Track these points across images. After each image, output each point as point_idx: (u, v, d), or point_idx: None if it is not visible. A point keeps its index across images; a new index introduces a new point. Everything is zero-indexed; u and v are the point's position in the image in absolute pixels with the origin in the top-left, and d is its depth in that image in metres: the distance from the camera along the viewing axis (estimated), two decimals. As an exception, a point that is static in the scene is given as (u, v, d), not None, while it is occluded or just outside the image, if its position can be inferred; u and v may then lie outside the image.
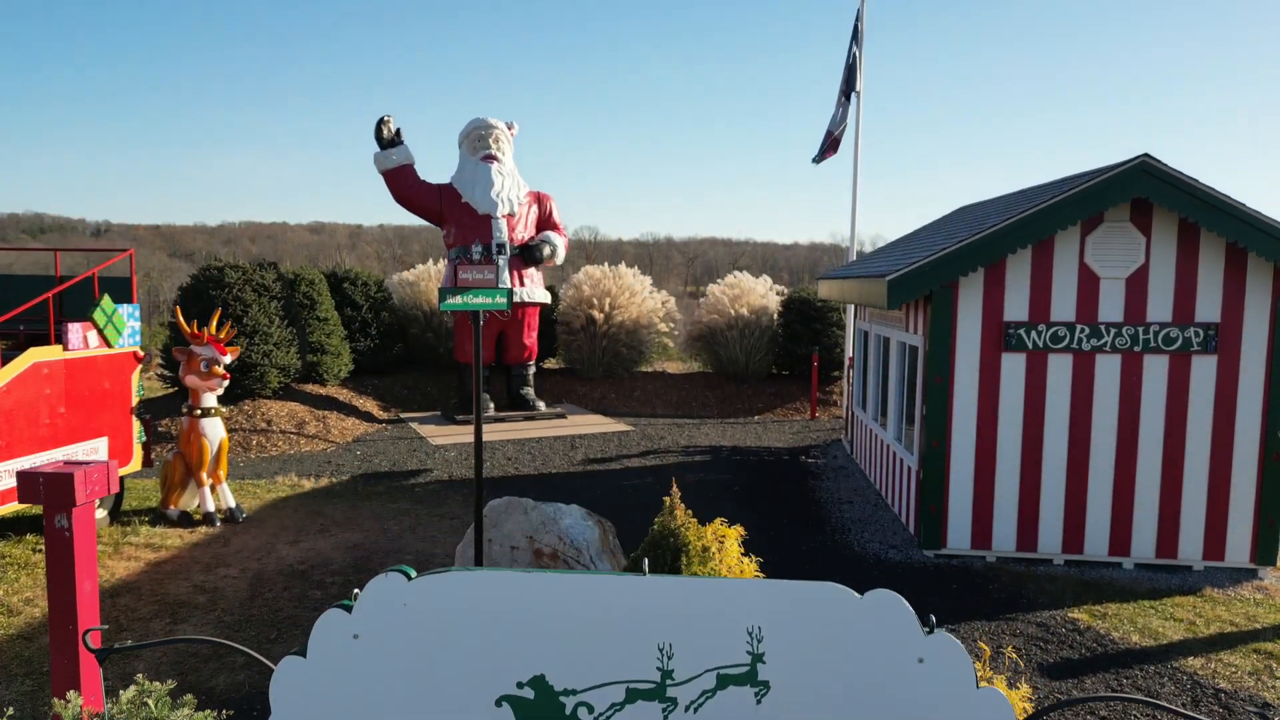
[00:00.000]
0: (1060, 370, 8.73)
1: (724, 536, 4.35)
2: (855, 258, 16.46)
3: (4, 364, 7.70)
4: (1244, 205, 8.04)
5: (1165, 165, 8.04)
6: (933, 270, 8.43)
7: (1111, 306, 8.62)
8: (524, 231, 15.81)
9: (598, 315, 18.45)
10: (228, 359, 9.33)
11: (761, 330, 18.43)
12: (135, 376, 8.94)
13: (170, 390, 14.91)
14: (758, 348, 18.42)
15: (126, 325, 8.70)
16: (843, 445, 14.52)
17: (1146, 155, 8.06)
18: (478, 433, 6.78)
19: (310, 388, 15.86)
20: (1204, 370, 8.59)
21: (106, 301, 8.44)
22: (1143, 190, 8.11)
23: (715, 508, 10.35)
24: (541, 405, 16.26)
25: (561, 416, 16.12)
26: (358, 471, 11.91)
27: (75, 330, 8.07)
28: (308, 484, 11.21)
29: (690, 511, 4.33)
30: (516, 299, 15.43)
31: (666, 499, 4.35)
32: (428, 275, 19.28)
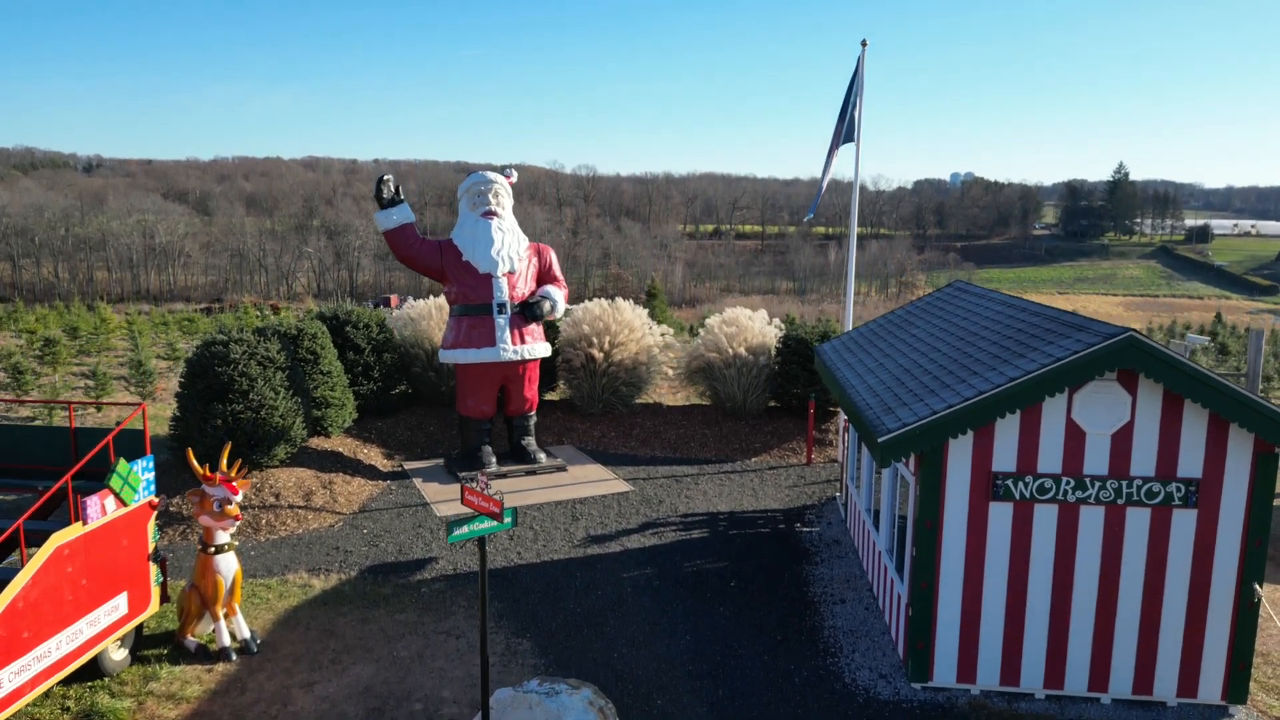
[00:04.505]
0: (1046, 519, 9.03)
1: None
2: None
3: (24, 543, 7.97)
4: (1227, 382, 8.25)
5: (1151, 342, 8.24)
6: (923, 434, 8.67)
7: (1097, 460, 8.88)
8: (524, 287, 16.03)
9: (597, 355, 18.65)
10: (239, 497, 9.62)
11: (759, 369, 18.65)
12: (150, 524, 9.23)
13: (174, 431, 14.98)
14: (755, 385, 18.66)
15: (141, 481, 8.95)
16: (837, 508, 14.87)
17: (1133, 333, 8.26)
18: (484, 672, 7.10)
19: (316, 442, 16.15)
20: (1184, 523, 8.89)
21: (122, 465, 8.68)
22: (1129, 364, 8.33)
23: (711, 614, 10.74)
24: (542, 457, 16.56)
25: (562, 469, 16.45)
26: (365, 563, 12.27)
27: (94, 503, 8.32)
28: (318, 584, 11.58)
29: None
30: (518, 356, 15.72)
31: None
32: (429, 313, 19.43)
